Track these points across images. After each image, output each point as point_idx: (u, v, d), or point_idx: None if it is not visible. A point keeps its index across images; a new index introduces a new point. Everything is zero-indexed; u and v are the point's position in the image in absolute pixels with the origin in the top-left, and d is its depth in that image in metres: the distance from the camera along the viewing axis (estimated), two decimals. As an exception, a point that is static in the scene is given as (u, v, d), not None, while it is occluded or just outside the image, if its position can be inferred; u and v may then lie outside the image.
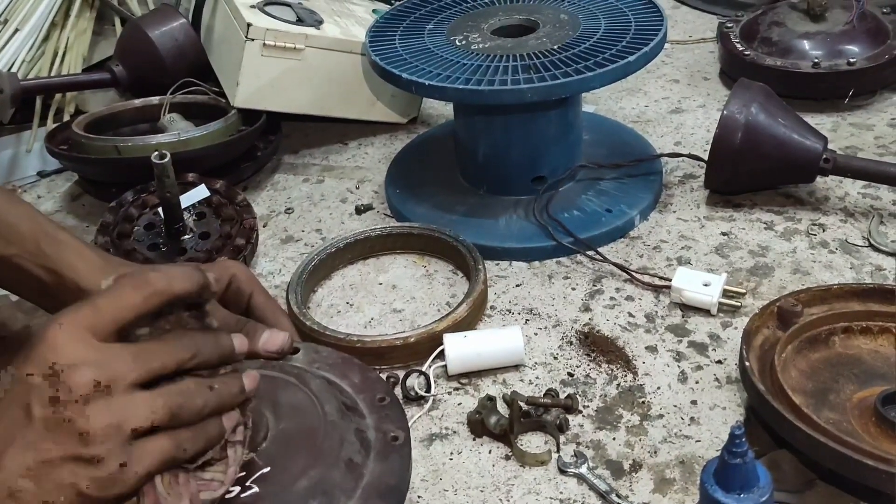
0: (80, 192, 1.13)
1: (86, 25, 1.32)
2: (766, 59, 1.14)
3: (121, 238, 0.93)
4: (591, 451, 0.71)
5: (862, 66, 1.10)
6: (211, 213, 0.96)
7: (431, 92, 0.90)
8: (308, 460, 0.59)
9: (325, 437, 0.60)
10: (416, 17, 1.06)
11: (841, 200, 0.97)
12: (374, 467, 0.60)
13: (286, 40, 1.06)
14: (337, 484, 0.58)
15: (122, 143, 1.02)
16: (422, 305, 0.88)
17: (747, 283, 0.87)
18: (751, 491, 0.54)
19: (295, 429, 0.61)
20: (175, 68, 1.17)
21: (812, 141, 0.92)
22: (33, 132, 1.18)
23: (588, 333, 0.83)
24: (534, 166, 0.97)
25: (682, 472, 0.68)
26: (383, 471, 0.60)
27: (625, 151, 1.04)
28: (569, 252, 0.92)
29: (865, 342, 0.74)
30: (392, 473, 0.60)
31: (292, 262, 0.96)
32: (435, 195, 1.01)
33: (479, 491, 0.69)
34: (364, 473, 0.59)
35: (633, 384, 0.77)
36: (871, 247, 0.90)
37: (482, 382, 0.78)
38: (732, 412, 0.73)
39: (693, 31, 1.39)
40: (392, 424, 0.63)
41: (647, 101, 1.21)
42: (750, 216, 0.96)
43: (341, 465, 0.59)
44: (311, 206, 1.06)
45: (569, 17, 0.99)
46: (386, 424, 0.63)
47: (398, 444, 0.62)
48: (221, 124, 1.05)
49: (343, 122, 1.19)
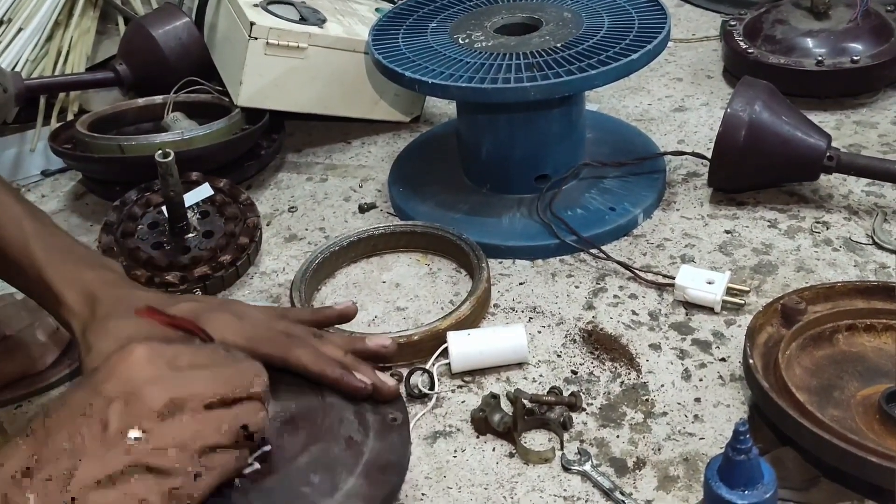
0: (83, 190, 1.13)
1: (89, 25, 1.32)
2: (769, 57, 1.14)
3: (124, 237, 0.93)
4: (594, 448, 0.71)
5: (866, 64, 1.10)
6: (214, 212, 0.96)
7: (434, 90, 0.90)
8: (308, 438, 0.60)
9: (324, 416, 0.61)
10: (419, 15, 1.06)
11: (845, 198, 0.97)
12: (373, 445, 0.61)
13: (289, 39, 1.06)
14: (338, 459, 0.59)
15: (125, 141, 1.02)
16: (425, 303, 0.88)
17: (751, 280, 0.87)
18: (755, 488, 0.54)
19: (294, 409, 0.63)
20: (178, 67, 1.17)
21: (816, 139, 0.92)
22: (37, 131, 1.19)
23: (592, 331, 0.83)
24: (537, 164, 0.97)
25: (685, 470, 0.68)
26: (383, 448, 0.61)
27: (628, 150, 1.04)
28: (572, 250, 0.92)
29: (869, 339, 0.74)
30: (392, 450, 0.61)
31: (296, 261, 0.96)
32: (438, 194, 1.01)
33: (483, 488, 0.69)
34: (364, 451, 0.60)
35: (636, 382, 0.77)
36: (875, 244, 0.90)
37: (486, 380, 0.79)
38: (736, 410, 0.73)
39: (696, 30, 1.39)
40: (390, 407, 0.65)
41: (650, 99, 1.21)
42: (753, 214, 0.96)
43: (341, 442, 0.60)
44: (314, 205, 1.06)
45: (572, 15, 0.99)
46: (384, 408, 0.64)
47: (397, 424, 0.63)
48: (225, 123, 1.05)
49: (346, 121, 1.19)
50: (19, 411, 0.80)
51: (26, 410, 0.80)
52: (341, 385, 0.65)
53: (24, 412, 0.80)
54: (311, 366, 0.65)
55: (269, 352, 0.64)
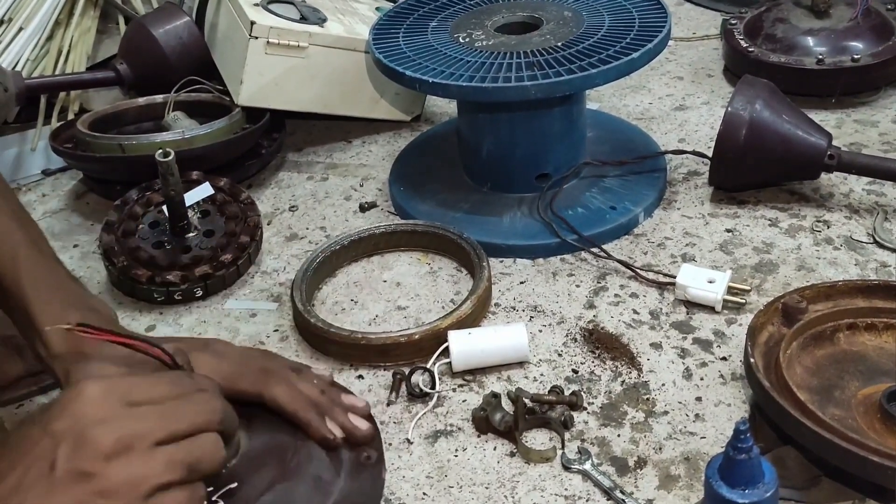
0: (84, 190, 1.13)
1: (90, 24, 1.32)
2: (770, 55, 1.14)
3: (125, 236, 0.93)
4: (595, 447, 0.71)
5: (866, 63, 1.10)
6: (215, 211, 0.96)
7: (435, 89, 0.90)
8: (276, 476, 0.59)
9: (294, 454, 0.61)
10: (420, 14, 1.06)
11: (845, 197, 0.97)
12: (344, 485, 0.60)
13: (290, 38, 1.06)
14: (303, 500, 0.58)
15: (126, 141, 1.02)
16: (426, 302, 0.88)
17: (752, 279, 0.87)
18: (755, 487, 0.54)
19: (266, 445, 0.62)
20: (179, 66, 1.17)
21: (816, 137, 0.92)
22: (38, 131, 1.18)
23: (592, 330, 0.83)
24: (538, 163, 0.97)
25: (686, 469, 0.68)
26: (353, 489, 0.60)
27: (629, 148, 1.04)
28: (573, 249, 0.92)
29: (870, 339, 0.74)
30: (361, 493, 0.60)
31: (297, 260, 0.96)
32: (439, 193, 1.01)
33: (484, 488, 0.69)
34: (332, 491, 0.59)
35: (637, 381, 0.77)
36: (876, 243, 0.90)
37: (487, 379, 0.79)
38: (737, 409, 0.73)
39: (697, 28, 1.39)
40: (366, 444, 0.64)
41: (650, 98, 1.21)
42: (754, 213, 0.96)
43: (308, 482, 0.59)
44: (315, 204, 1.06)
45: (572, 14, 0.99)
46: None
47: (370, 462, 0.62)
48: (225, 122, 1.05)
49: (347, 120, 1.19)
50: (21, 410, 0.80)
51: (28, 410, 0.80)
52: (311, 431, 0.64)
53: (26, 412, 0.80)
54: (286, 404, 0.65)
55: (245, 388, 0.64)
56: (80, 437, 0.49)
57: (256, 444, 0.61)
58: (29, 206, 1.10)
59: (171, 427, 0.52)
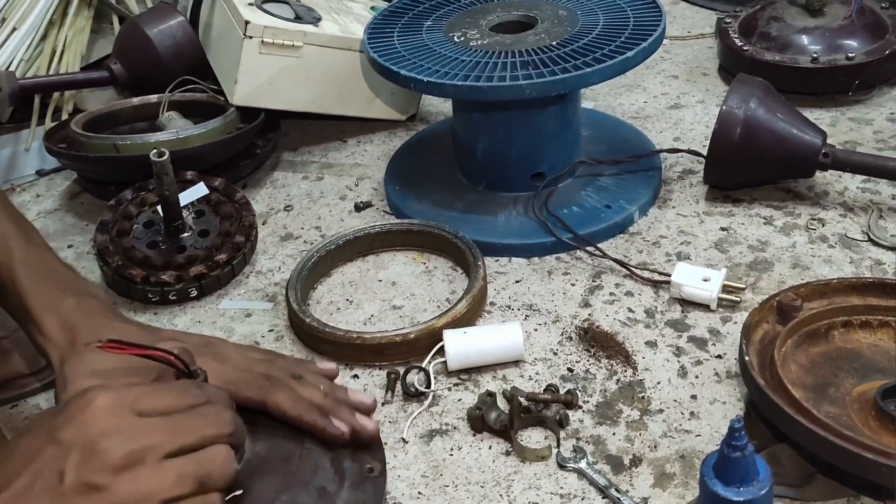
0: (78, 190, 1.13)
1: (84, 24, 1.31)
2: (764, 54, 1.14)
3: (120, 236, 0.93)
4: (591, 446, 0.71)
5: (861, 61, 1.10)
6: (210, 211, 0.96)
7: (430, 88, 0.90)
8: (280, 485, 0.59)
9: (299, 463, 0.61)
10: (415, 13, 1.06)
11: (840, 195, 0.97)
12: (347, 496, 0.60)
13: (284, 38, 1.06)
14: None
15: (120, 141, 1.02)
16: (421, 302, 0.88)
17: (747, 277, 0.87)
18: (750, 484, 0.54)
19: (271, 453, 0.61)
20: (173, 66, 1.17)
21: (811, 136, 0.92)
22: (32, 131, 1.18)
23: (588, 329, 0.83)
24: (533, 162, 0.97)
25: (682, 467, 0.68)
26: (356, 501, 0.60)
27: (624, 147, 1.04)
28: (568, 248, 0.92)
29: (865, 336, 0.74)
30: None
31: (292, 260, 0.96)
32: (434, 192, 1.01)
33: (480, 486, 0.69)
34: (335, 502, 0.59)
35: (632, 379, 0.77)
36: (871, 241, 0.90)
37: (482, 378, 0.79)
38: (732, 407, 0.73)
39: (692, 27, 1.39)
40: (369, 456, 0.64)
41: (645, 97, 1.21)
42: (749, 211, 0.96)
43: (313, 492, 0.59)
44: (310, 204, 1.06)
45: (567, 14, 0.99)
46: (364, 455, 0.64)
47: (373, 475, 0.62)
48: (220, 122, 1.05)
49: (342, 120, 1.19)
50: (14, 411, 0.80)
51: (22, 410, 0.80)
52: (317, 431, 0.64)
53: (20, 412, 0.80)
54: (289, 410, 0.64)
55: (248, 395, 0.64)
56: (89, 448, 0.49)
57: (260, 450, 0.61)
58: (23, 207, 1.10)
59: (181, 439, 0.51)
